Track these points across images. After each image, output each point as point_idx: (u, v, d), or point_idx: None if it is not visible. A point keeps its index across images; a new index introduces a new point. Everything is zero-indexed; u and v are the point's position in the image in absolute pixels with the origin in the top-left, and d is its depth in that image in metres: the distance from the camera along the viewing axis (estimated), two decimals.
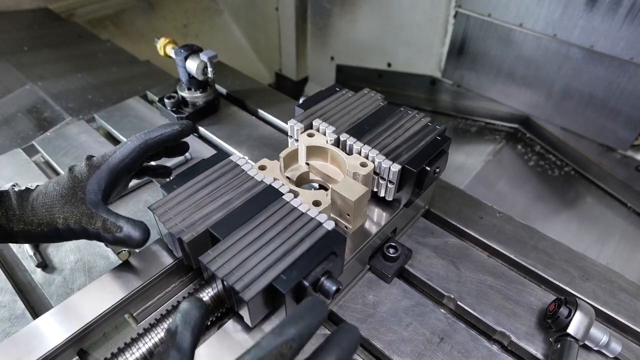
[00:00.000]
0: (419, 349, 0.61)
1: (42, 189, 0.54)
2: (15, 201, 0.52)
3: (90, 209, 0.52)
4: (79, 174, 0.54)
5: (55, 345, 0.53)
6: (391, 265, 0.68)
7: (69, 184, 0.53)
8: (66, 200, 0.52)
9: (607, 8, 1.27)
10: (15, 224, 0.51)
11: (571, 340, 0.57)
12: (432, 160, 0.64)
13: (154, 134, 0.58)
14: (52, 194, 0.52)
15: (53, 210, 0.51)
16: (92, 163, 0.56)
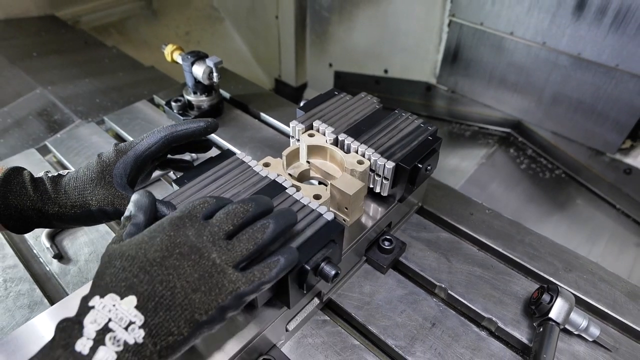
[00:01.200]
0: (412, 334, 0.65)
1: (73, 174, 0.57)
2: (49, 186, 0.55)
3: (121, 192, 0.55)
4: (106, 159, 0.58)
5: None
6: (386, 257, 0.73)
7: (98, 169, 0.56)
8: (96, 183, 0.55)
9: (593, 18, 1.33)
10: (50, 206, 0.54)
11: (553, 324, 0.62)
12: (424, 158, 0.69)
13: (180, 127, 0.61)
14: (83, 178, 0.56)
15: (85, 193, 0.55)
16: (120, 149, 0.59)
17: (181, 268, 0.42)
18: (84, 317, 0.39)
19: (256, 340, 0.57)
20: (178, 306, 0.41)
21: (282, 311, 0.59)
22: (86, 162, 0.59)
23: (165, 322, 0.40)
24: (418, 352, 0.63)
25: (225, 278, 0.43)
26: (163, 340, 0.39)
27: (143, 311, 0.39)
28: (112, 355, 0.37)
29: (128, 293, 0.40)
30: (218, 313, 0.42)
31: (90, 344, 0.37)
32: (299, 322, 0.64)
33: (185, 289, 0.41)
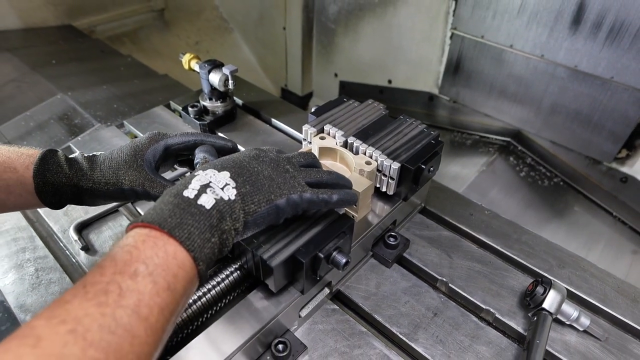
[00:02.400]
0: (415, 322, 0.70)
1: (107, 154, 0.63)
2: (85, 164, 0.61)
3: (151, 175, 0.61)
4: (139, 144, 0.63)
5: None
6: (391, 252, 0.78)
7: (131, 152, 0.62)
8: (129, 165, 0.61)
9: (589, 32, 1.39)
10: (84, 182, 0.60)
11: (546, 314, 0.66)
12: (427, 160, 0.74)
13: (209, 137, 0.67)
14: (117, 159, 0.61)
15: (119, 173, 0.60)
16: (152, 137, 0.64)
17: (263, 166, 0.55)
18: (190, 180, 0.50)
19: (272, 323, 0.62)
20: (260, 185, 0.53)
21: (296, 297, 0.64)
22: (120, 145, 0.64)
23: (250, 192, 0.52)
24: (421, 338, 0.68)
25: (295, 181, 0.56)
26: (247, 205, 0.51)
27: (235, 180, 0.52)
28: (212, 200, 0.48)
29: (223, 169, 0.53)
30: (287, 203, 0.54)
31: (195, 192, 0.48)
32: (311, 309, 0.69)
33: (266, 177, 0.54)
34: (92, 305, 0.37)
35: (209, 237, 0.46)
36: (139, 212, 0.87)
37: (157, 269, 0.41)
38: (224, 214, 0.48)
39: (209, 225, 0.47)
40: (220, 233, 0.48)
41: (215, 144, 0.68)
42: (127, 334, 0.37)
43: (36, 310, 0.70)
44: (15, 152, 0.59)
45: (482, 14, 1.62)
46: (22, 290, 0.73)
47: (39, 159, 0.59)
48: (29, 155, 0.59)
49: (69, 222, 0.85)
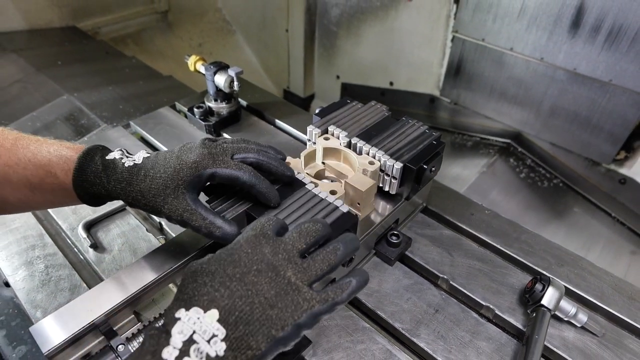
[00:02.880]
0: (417, 318, 0.72)
1: (149, 171, 0.58)
2: (125, 176, 0.58)
3: (192, 206, 0.57)
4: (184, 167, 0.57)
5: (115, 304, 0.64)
6: (394, 250, 0.80)
7: (174, 175, 0.57)
8: (170, 192, 0.57)
9: (588, 35, 1.41)
10: (123, 196, 0.58)
11: (544, 310, 0.68)
12: (428, 160, 0.76)
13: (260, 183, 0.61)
14: (159, 182, 0.57)
15: (158, 200, 0.57)
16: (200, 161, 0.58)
17: (259, 284, 0.45)
18: (171, 327, 0.42)
19: None
20: (256, 321, 0.43)
21: None
22: (165, 156, 0.60)
23: (244, 336, 0.42)
24: (423, 334, 0.69)
25: (300, 296, 0.45)
26: (242, 354, 0.41)
27: (224, 325, 0.42)
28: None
29: (211, 307, 0.43)
30: (293, 330, 0.44)
31: (177, 353, 0.40)
32: None
33: (263, 304, 0.44)
34: None
35: None
36: None
37: None
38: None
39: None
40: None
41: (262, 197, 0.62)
42: None
43: (46, 306, 0.72)
44: (57, 154, 0.58)
45: (483, 18, 1.64)
46: (32, 287, 0.75)
47: (76, 170, 0.57)
48: (68, 158, 0.58)
49: (77, 220, 0.86)
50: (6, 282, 0.76)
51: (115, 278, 0.68)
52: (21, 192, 0.59)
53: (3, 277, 0.77)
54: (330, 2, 2.08)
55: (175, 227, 0.84)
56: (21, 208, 0.64)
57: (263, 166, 0.63)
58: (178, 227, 0.63)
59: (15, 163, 0.57)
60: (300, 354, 0.65)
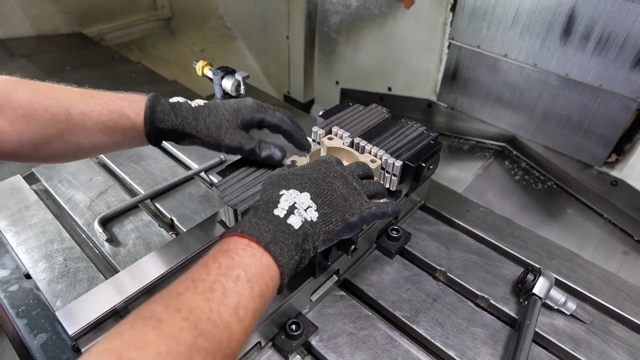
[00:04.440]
0: (416, 307, 0.76)
1: (212, 109, 0.70)
2: (190, 115, 0.68)
3: (247, 136, 0.71)
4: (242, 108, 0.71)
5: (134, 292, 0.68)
6: (394, 244, 0.85)
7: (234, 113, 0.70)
8: (230, 124, 0.69)
9: (578, 42, 1.47)
10: (189, 130, 0.67)
11: (536, 298, 0.73)
12: (427, 158, 0.81)
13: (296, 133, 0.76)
14: (221, 117, 0.69)
15: (221, 131, 0.68)
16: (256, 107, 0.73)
17: (335, 184, 0.59)
18: (277, 198, 0.54)
19: (286, 305, 0.68)
20: (336, 206, 0.57)
21: (307, 282, 0.70)
22: (223, 102, 0.72)
23: (329, 213, 0.56)
24: (422, 321, 0.74)
25: (363, 199, 0.60)
26: (327, 225, 0.55)
27: (315, 202, 0.55)
28: (299, 221, 0.52)
29: (304, 190, 0.56)
30: (359, 220, 0.58)
31: (284, 212, 0.52)
32: (321, 294, 0.75)
33: (340, 197, 0.58)
34: (201, 299, 0.41)
35: (293, 255, 0.51)
36: (158, 209, 0.93)
37: (254, 277, 0.46)
38: (308, 235, 0.53)
39: (296, 244, 0.51)
40: (302, 252, 0.52)
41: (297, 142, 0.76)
42: (227, 330, 0.41)
43: (66, 296, 0.76)
44: (127, 100, 0.67)
45: (478, 25, 1.70)
46: (52, 278, 0.79)
47: (148, 109, 0.66)
48: (138, 101, 0.67)
49: (93, 216, 0.91)
50: (27, 274, 0.80)
51: (132, 269, 0.72)
52: (95, 136, 0.66)
53: (24, 269, 0.81)
54: (330, 9, 2.14)
55: (185, 223, 0.89)
56: (91, 152, 0.72)
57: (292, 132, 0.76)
58: (188, 223, 0.74)
59: (90, 110, 0.65)
60: (307, 339, 0.69)
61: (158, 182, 0.99)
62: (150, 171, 1.03)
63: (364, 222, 0.59)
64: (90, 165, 1.04)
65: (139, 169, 1.03)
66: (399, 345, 0.70)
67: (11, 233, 0.87)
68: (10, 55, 1.79)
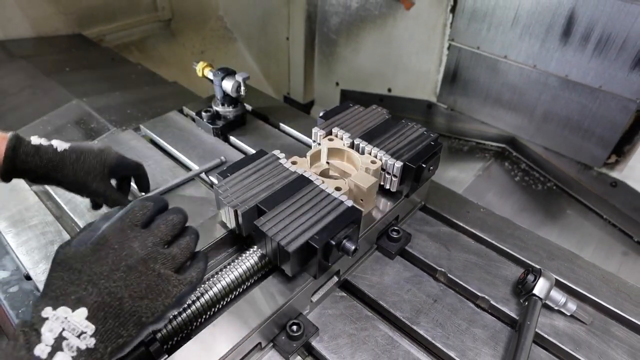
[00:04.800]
0: (417, 308, 0.76)
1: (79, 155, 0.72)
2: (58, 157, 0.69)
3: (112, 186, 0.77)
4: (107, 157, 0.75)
5: None
6: (394, 244, 0.85)
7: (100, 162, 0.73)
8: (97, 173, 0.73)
9: (578, 44, 1.47)
10: (53, 174, 0.69)
11: (536, 299, 0.73)
12: (427, 159, 0.81)
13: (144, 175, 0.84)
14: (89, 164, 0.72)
15: (88, 177, 0.72)
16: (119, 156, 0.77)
17: (128, 280, 0.48)
18: (40, 327, 0.43)
19: (286, 306, 0.68)
20: (126, 313, 0.47)
21: (308, 282, 0.70)
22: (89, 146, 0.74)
23: (114, 328, 0.46)
24: (422, 322, 0.74)
25: (169, 284, 0.50)
26: (113, 342, 0.45)
27: (94, 321, 0.45)
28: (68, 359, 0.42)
29: (79, 305, 0.45)
30: (163, 314, 0.50)
31: (49, 349, 0.42)
32: (321, 295, 0.75)
33: (134, 297, 0.47)
34: None
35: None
36: None
37: None
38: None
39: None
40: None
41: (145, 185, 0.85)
42: None
43: None
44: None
45: (478, 26, 1.70)
46: None
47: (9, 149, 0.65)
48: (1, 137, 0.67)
49: (93, 217, 0.91)
50: (27, 276, 0.80)
51: None
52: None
53: (24, 270, 0.81)
54: (330, 10, 2.14)
55: None
56: None
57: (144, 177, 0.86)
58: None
59: None
60: (308, 340, 0.69)
61: (159, 183, 0.99)
62: (151, 172, 1.02)
63: (171, 311, 0.51)
64: None
65: None
66: (399, 346, 0.70)
67: (11, 234, 0.87)
68: (10, 56, 1.79)
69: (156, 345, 0.60)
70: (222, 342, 0.62)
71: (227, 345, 0.62)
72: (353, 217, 0.68)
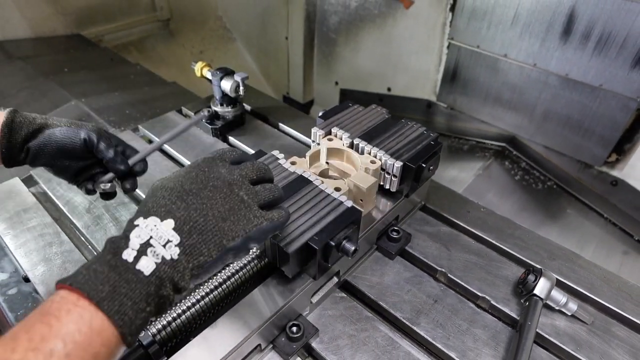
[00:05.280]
0: (417, 308, 0.76)
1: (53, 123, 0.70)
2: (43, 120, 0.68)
3: None
4: None
5: None
6: (394, 245, 0.84)
7: None
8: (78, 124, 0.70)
9: (578, 42, 1.47)
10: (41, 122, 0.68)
11: (537, 299, 0.72)
12: (427, 159, 0.80)
13: None
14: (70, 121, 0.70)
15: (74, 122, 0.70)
16: None
17: (214, 199, 0.50)
18: (130, 233, 0.45)
19: (286, 308, 0.68)
20: (209, 232, 0.48)
21: (308, 283, 0.70)
22: None
23: (197, 243, 0.47)
24: (423, 322, 0.73)
25: (251, 213, 0.51)
26: (195, 259, 0.47)
27: (179, 232, 0.46)
28: (152, 265, 0.44)
29: (167, 217, 0.47)
30: (243, 242, 0.50)
31: (135, 254, 0.44)
32: (321, 296, 0.75)
33: (217, 217, 0.49)
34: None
35: (143, 307, 0.43)
36: None
37: (75, 348, 0.38)
38: (165, 280, 0.44)
39: (146, 293, 0.43)
40: (158, 300, 0.44)
41: None
42: None
43: None
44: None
45: (478, 25, 1.69)
46: (51, 281, 0.78)
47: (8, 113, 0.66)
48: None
49: (92, 219, 0.90)
50: (25, 278, 0.80)
51: None
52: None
53: (22, 272, 0.81)
54: (329, 10, 2.14)
55: None
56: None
57: None
58: None
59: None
60: (308, 341, 0.69)
61: None
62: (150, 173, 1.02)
63: (250, 243, 0.51)
64: None
65: None
66: (399, 346, 0.70)
67: (9, 236, 0.86)
68: (8, 57, 1.78)
69: (155, 347, 0.60)
70: (221, 344, 0.62)
71: (226, 347, 0.61)
72: (353, 217, 0.67)
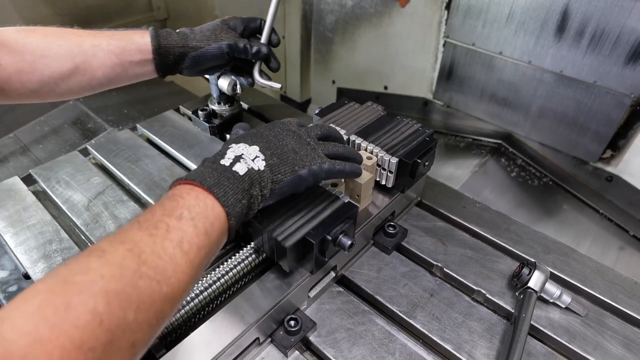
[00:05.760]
0: (414, 302, 0.77)
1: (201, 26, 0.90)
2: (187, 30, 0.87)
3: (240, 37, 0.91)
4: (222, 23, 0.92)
5: None
6: (391, 240, 0.85)
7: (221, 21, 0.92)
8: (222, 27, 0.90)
9: (572, 39, 1.48)
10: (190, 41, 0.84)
11: (531, 292, 0.73)
12: (422, 155, 0.81)
13: None
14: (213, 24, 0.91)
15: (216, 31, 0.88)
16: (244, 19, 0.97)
17: (287, 140, 0.64)
18: (225, 151, 0.60)
19: (284, 301, 0.69)
20: (285, 158, 0.62)
21: (305, 278, 0.71)
22: None
23: (277, 164, 0.61)
24: (419, 316, 0.74)
25: (316, 153, 0.64)
26: (275, 175, 0.60)
27: (264, 153, 0.61)
28: (245, 168, 0.58)
29: (253, 144, 0.62)
30: (309, 173, 0.62)
31: (230, 161, 0.58)
32: (318, 290, 0.76)
33: (290, 151, 0.63)
34: (145, 235, 0.46)
35: (240, 198, 0.55)
36: None
37: (197, 215, 0.50)
38: (254, 181, 0.58)
39: (241, 188, 0.56)
40: (250, 197, 0.57)
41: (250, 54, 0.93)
42: (171, 261, 0.45)
43: None
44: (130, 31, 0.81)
45: (473, 23, 1.70)
46: None
47: (152, 30, 0.82)
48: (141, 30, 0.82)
49: (91, 217, 0.91)
50: (26, 275, 0.81)
51: None
52: (106, 65, 0.79)
53: (23, 270, 0.81)
54: (326, 9, 2.15)
55: None
56: (104, 83, 0.83)
57: None
58: None
59: (99, 42, 0.78)
60: (306, 335, 0.70)
61: (156, 182, 0.99)
62: (148, 171, 1.03)
63: (314, 175, 0.63)
64: (87, 166, 1.05)
65: (136, 170, 1.04)
66: (396, 339, 0.71)
67: (9, 234, 0.87)
68: None
69: (155, 341, 0.61)
70: (220, 338, 0.63)
71: (225, 341, 0.62)
72: (349, 212, 0.68)
